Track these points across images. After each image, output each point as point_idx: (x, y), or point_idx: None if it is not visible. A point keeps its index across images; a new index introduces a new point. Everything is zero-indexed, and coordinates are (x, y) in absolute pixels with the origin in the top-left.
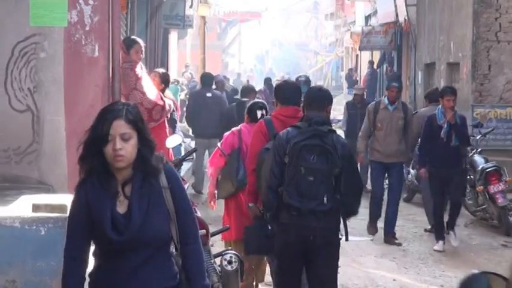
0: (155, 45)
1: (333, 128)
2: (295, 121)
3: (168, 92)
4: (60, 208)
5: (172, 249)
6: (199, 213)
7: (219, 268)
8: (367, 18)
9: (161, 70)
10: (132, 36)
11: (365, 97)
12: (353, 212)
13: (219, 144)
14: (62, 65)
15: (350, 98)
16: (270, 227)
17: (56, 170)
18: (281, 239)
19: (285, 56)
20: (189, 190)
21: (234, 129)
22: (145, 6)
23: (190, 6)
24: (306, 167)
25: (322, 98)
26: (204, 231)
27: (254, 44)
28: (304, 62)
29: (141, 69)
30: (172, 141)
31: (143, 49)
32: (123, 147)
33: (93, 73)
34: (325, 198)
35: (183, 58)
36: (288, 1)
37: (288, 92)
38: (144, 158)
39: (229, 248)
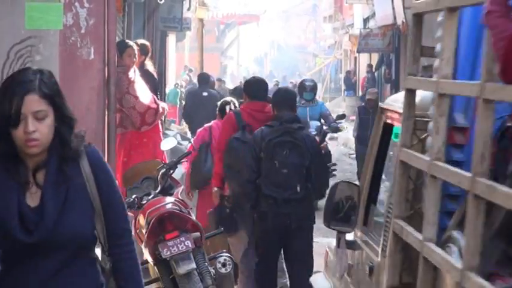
0: (153, 47)
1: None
2: (262, 115)
3: (149, 63)
4: None
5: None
6: (193, 216)
7: (213, 271)
8: (365, 20)
9: (140, 41)
10: (125, 40)
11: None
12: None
13: (192, 140)
14: (58, 68)
15: (348, 100)
16: (228, 210)
17: None
18: (261, 226)
19: (283, 58)
20: (183, 195)
21: (206, 125)
22: (142, 9)
23: (188, 9)
24: (280, 161)
25: (290, 99)
26: (198, 233)
27: (252, 46)
28: (303, 65)
29: (134, 73)
30: (166, 143)
31: (136, 53)
32: (37, 128)
33: (89, 76)
34: (298, 188)
35: (182, 60)
36: (287, 4)
37: (256, 87)
38: (62, 139)
39: (224, 250)
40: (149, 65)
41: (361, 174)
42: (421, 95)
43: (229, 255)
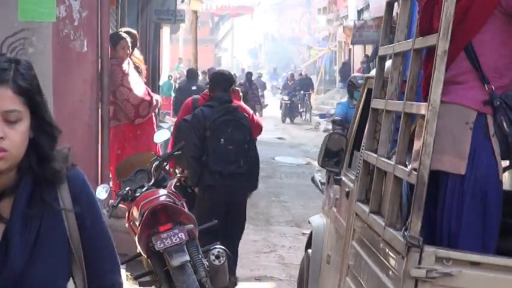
0: (146, 40)
1: (325, 121)
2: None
3: (137, 53)
4: None
5: None
6: (186, 209)
7: (207, 263)
8: (360, 12)
9: (132, 31)
10: (119, 32)
11: None
12: (256, 177)
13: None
14: (51, 60)
15: (343, 92)
16: (188, 190)
17: None
18: (209, 198)
19: (277, 50)
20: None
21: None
22: (135, 1)
23: (182, 1)
24: (226, 138)
25: (226, 81)
26: (191, 225)
27: (247, 38)
28: (297, 56)
29: (128, 65)
30: (160, 136)
31: (130, 45)
32: (7, 134)
33: (82, 68)
34: (241, 162)
35: (176, 53)
36: None
37: (216, 78)
38: (41, 155)
39: (217, 242)
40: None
41: None
42: (388, 63)
43: (223, 247)
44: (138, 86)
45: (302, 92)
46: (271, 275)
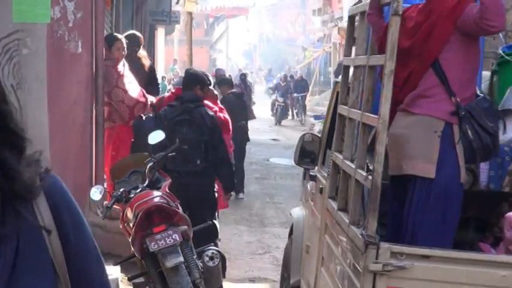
0: None
1: (319, 123)
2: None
3: (142, 54)
4: None
5: None
6: (181, 210)
7: (201, 264)
8: None
9: (137, 33)
10: (114, 33)
11: None
12: (227, 177)
13: None
14: (45, 62)
15: None
16: None
17: None
18: None
19: (272, 51)
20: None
21: None
22: (130, 2)
23: (177, 2)
24: (180, 137)
25: (192, 80)
26: (185, 227)
27: (242, 39)
28: (292, 58)
29: (123, 67)
30: (154, 137)
31: (125, 46)
32: None
33: (76, 69)
34: (198, 161)
35: (171, 54)
36: None
37: (187, 77)
38: (7, 169)
39: (211, 244)
40: (142, 57)
41: None
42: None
43: (217, 248)
44: (133, 87)
45: (295, 94)
46: (266, 276)
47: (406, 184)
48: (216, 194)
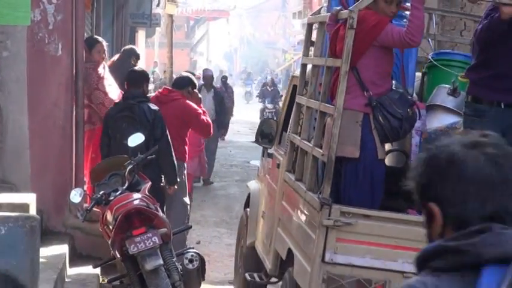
0: (122, 43)
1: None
2: (165, 97)
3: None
4: (22, 207)
5: None
6: (160, 212)
7: (181, 267)
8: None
9: (136, 49)
10: (94, 36)
11: None
12: (168, 170)
13: None
14: (25, 64)
15: None
16: None
17: (18, 169)
18: None
19: (253, 54)
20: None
21: None
22: (111, 5)
23: (158, 5)
24: (121, 133)
25: (138, 77)
26: (165, 229)
27: (222, 42)
28: (273, 60)
29: (103, 69)
30: (134, 139)
31: (106, 48)
32: None
33: (57, 72)
34: (138, 154)
35: (151, 56)
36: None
37: (129, 75)
38: None
39: (192, 246)
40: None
41: None
42: (309, 68)
43: (196, 251)
44: (113, 89)
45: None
46: None
47: (341, 163)
48: (185, 178)
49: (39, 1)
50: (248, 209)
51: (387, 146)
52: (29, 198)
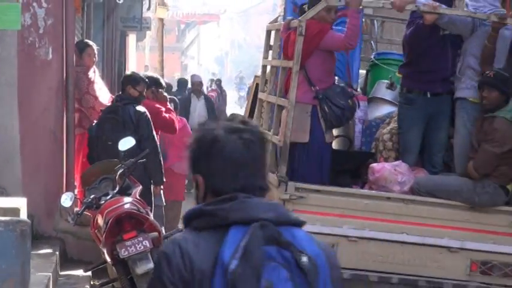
0: (112, 47)
1: None
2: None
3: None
4: (13, 211)
5: None
6: (151, 216)
7: None
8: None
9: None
10: (85, 40)
11: None
12: (154, 170)
13: None
14: (16, 68)
15: None
16: None
17: (9, 173)
18: None
19: (244, 57)
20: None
21: None
22: (101, 9)
23: (148, 9)
24: (107, 135)
25: (123, 81)
26: (156, 233)
27: (213, 46)
28: None
29: (93, 73)
30: (125, 143)
31: (96, 52)
32: None
33: (47, 76)
34: (122, 155)
35: (142, 60)
36: (247, 3)
37: (122, 81)
38: None
39: None
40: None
41: None
42: (268, 68)
43: None
44: (103, 93)
45: None
46: None
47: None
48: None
49: (29, 5)
50: None
51: (335, 132)
52: (20, 203)
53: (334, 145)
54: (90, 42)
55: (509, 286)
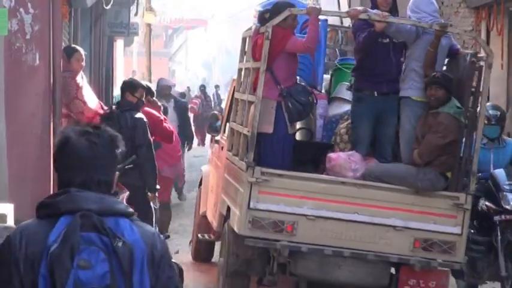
0: (100, 53)
1: None
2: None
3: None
4: (0, 217)
5: None
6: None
7: None
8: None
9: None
10: (73, 45)
11: None
12: (148, 175)
13: None
14: (3, 74)
15: None
16: None
17: None
18: None
19: (232, 63)
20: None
21: None
22: (88, 14)
23: (136, 14)
24: None
25: (121, 88)
26: None
27: (201, 51)
28: None
29: (81, 79)
30: None
31: (84, 57)
32: None
33: (34, 82)
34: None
35: (130, 65)
36: (235, 8)
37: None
38: None
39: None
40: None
41: None
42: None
43: (174, 261)
44: (91, 98)
45: None
46: None
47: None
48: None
49: (16, 11)
50: (201, 187)
51: (298, 125)
52: (7, 209)
53: (298, 136)
54: (78, 48)
55: (447, 261)
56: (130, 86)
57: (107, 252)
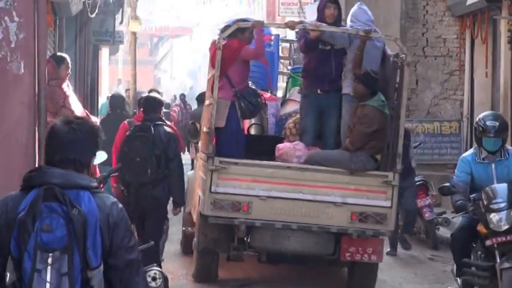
0: (85, 61)
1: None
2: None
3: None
4: None
5: None
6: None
7: None
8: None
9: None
10: (59, 53)
11: None
12: (177, 190)
13: None
14: None
15: None
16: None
17: None
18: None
19: None
20: None
21: None
22: (73, 23)
23: (121, 22)
24: (134, 151)
25: (155, 103)
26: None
27: (186, 59)
28: None
29: (67, 87)
30: (97, 157)
31: (70, 66)
32: None
33: (19, 90)
34: (148, 172)
35: (115, 74)
36: (220, 16)
37: (148, 101)
38: None
39: (154, 264)
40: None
41: None
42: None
43: (159, 269)
44: (77, 107)
45: None
46: None
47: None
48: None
49: (1, 19)
50: (188, 190)
51: (252, 121)
52: None
53: (252, 131)
54: (66, 56)
55: (379, 230)
56: (162, 103)
57: (66, 218)
